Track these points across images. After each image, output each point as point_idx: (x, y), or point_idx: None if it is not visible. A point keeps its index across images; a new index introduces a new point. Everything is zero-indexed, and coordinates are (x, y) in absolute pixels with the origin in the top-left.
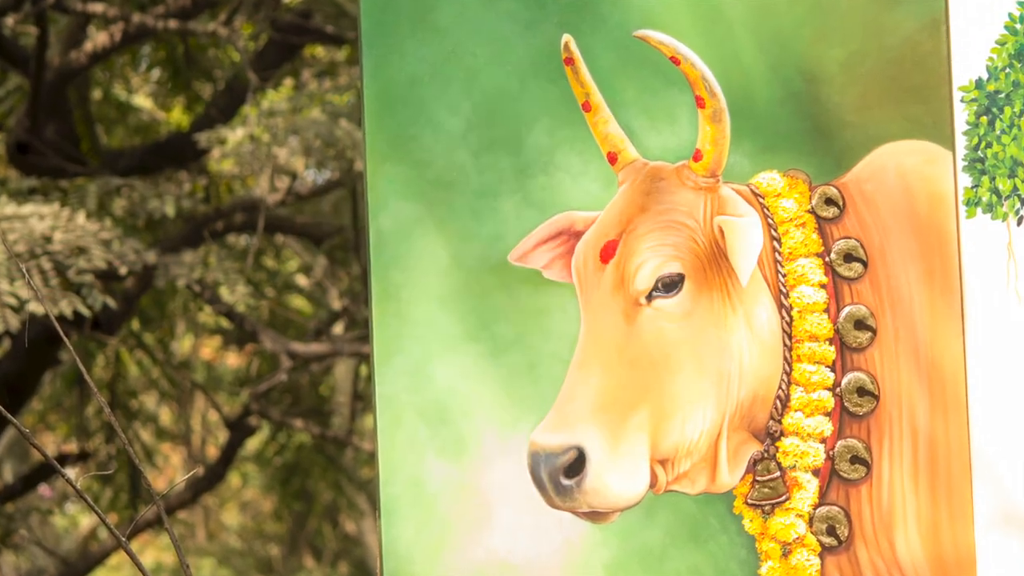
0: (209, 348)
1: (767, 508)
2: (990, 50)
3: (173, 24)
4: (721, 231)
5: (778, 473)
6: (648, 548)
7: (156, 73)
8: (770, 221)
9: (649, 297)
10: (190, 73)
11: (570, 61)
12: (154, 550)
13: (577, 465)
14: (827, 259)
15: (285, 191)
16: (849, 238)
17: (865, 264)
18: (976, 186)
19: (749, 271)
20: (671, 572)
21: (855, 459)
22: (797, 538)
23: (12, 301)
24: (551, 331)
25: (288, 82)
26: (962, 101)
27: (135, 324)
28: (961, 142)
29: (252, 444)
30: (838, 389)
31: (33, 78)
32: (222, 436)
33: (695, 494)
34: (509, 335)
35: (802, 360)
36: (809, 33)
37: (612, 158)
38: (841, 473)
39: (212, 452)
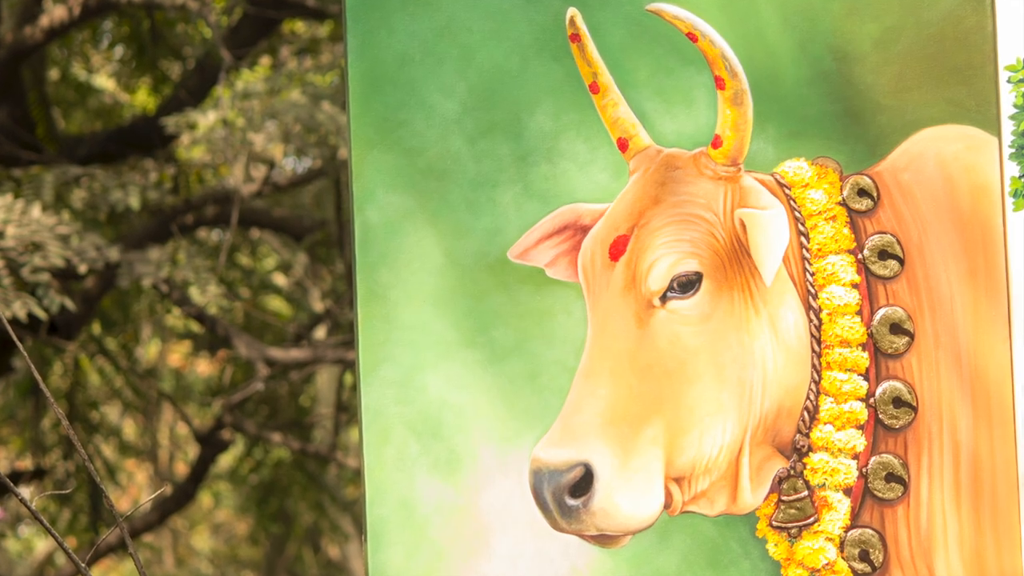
0: (178, 354)
1: (794, 531)
2: None
3: None
4: (743, 225)
5: (806, 492)
6: (663, 575)
7: (119, 51)
8: (797, 214)
9: (663, 298)
10: (157, 51)
11: (576, 37)
12: None
13: (584, 483)
14: (860, 256)
15: (262, 181)
16: (884, 233)
17: (902, 262)
18: None
19: (774, 269)
20: None
21: (891, 477)
22: (827, 564)
23: None
24: (555, 336)
25: (265, 61)
26: (1009, 82)
27: (96, 328)
28: (1008, 127)
29: (225, 460)
30: (872, 399)
31: None
32: (192, 451)
33: (714, 515)
34: (509, 340)
35: (832, 367)
36: (840, 7)
37: (622, 145)
38: (875, 492)
39: (181, 469)
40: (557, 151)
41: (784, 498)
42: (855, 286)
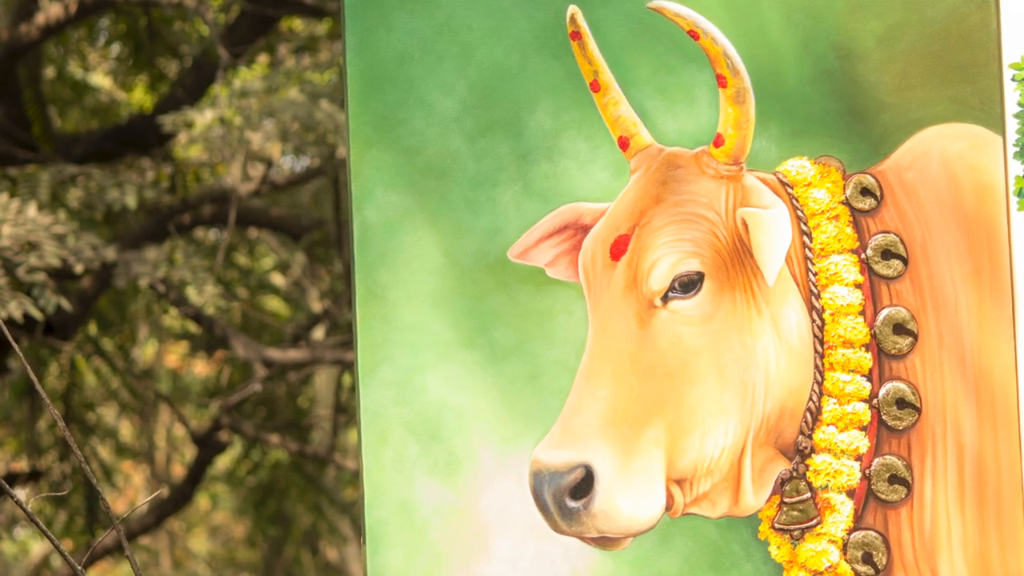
0: (175, 355)
1: (796, 533)
2: None
3: None
4: (745, 224)
5: (808, 494)
6: None
7: (116, 49)
8: (799, 213)
9: (665, 298)
10: (154, 49)
11: (577, 35)
12: None
13: (585, 485)
14: (863, 256)
15: (259, 180)
16: (887, 232)
17: (905, 261)
18: None
19: (776, 269)
20: None
21: (894, 478)
22: (829, 566)
23: None
24: (555, 336)
25: (263, 59)
26: (1013, 80)
27: (92, 328)
28: (1012, 125)
29: (223, 462)
30: (875, 400)
31: None
32: (189, 453)
33: (716, 517)
34: (509, 341)
35: (835, 368)
36: (843, 5)
37: (623, 143)
38: (878, 494)
39: (178, 471)
40: (557, 150)
41: (786, 500)
42: (858, 286)
